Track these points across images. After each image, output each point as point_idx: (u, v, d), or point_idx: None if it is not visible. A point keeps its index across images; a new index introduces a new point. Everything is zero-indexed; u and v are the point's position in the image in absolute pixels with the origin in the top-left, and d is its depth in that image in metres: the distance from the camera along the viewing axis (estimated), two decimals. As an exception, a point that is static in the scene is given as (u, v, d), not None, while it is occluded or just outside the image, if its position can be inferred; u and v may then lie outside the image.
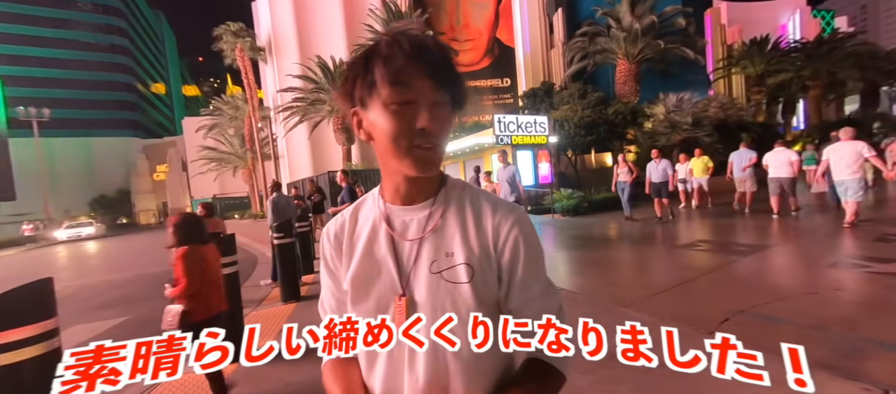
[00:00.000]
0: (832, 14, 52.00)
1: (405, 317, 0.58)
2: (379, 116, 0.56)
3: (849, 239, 4.96)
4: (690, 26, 17.27)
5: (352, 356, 0.66)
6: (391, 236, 0.62)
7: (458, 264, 0.58)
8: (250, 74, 23.78)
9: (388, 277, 0.61)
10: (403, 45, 0.54)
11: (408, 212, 0.62)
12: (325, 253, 0.68)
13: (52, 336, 1.68)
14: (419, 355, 0.58)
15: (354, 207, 0.69)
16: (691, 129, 13.14)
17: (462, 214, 0.61)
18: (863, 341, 2.33)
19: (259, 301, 4.66)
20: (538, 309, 0.60)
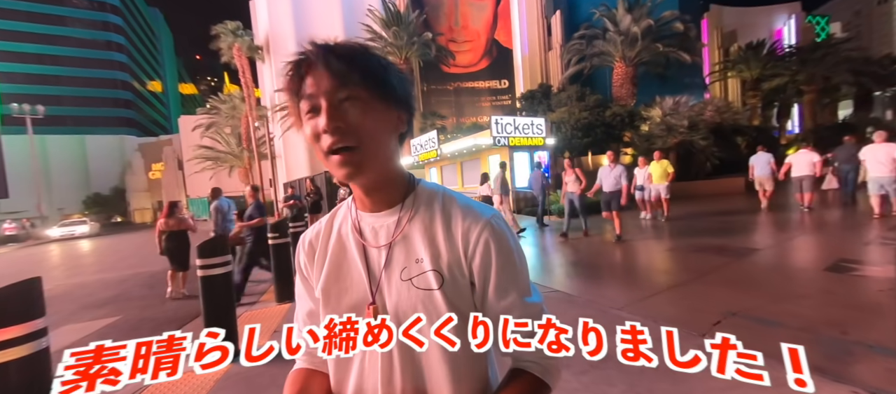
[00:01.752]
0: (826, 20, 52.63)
1: (378, 330, 0.56)
2: (303, 129, 0.55)
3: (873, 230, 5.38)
4: (691, 31, 17.40)
5: (321, 369, 0.66)
6: (361, 244, 0.61)
7: (428, 271, 0.57)
8: (248, 73, 23.67)
9: (359, 285, 0.60)
10: (299, 54, 0.54)
11: (377, 218, 0.61)
12: (299, 261, 0.67)
13: (39, 336, 1.66)
14: (395, 365, 0.57)
15: (330, 215, 0.68)
16: (687, 132, 13.22)
17: (431, 220, 0.59)
18: (852, 343, 2.35)
19: (253, 302, 4.64)
20: (520, 315, 0.58)
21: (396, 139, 0.58)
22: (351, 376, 0.59)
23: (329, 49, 0.53)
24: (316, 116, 0.53)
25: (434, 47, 18.74)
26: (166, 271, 5.41)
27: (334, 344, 0.58)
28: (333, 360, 0.61)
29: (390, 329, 0.56)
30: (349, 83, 0.52)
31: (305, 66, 0.54)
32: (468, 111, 25.02)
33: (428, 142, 13.88)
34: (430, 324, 0.55)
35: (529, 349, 0.57)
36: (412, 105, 0.60)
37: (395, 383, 0.56)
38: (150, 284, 6.56)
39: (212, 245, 3.09)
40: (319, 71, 0.52)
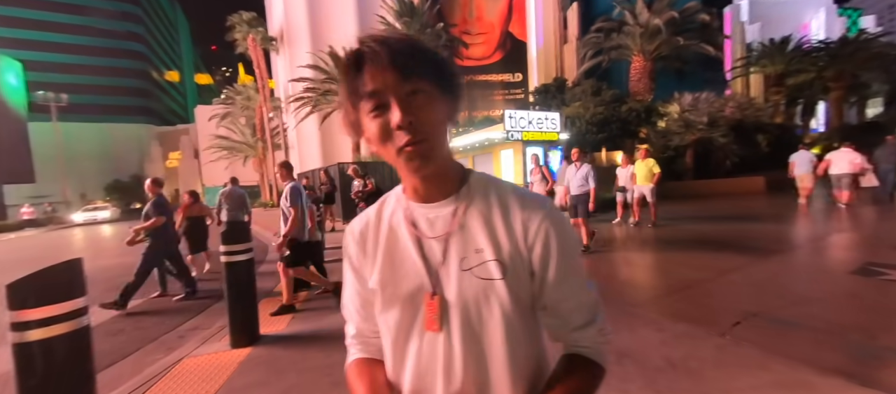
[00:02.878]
0: (859, 13, 50.15)
1: (437, 316, 0.57)
2: (366, 129, 0.55)
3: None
4: (714, 21, 16.85)
5: (377, 357, 0.66)
6: (416, 235, 0.60)
7: (489, 261, 0.56)
8: (262, 64, 23.94)
9: (417, 277, 0.59)
10: (357, 51, 0.53)
11: (431, 209, 0.60)
12: (349, 251, 0.67)
13: (82, 314, 1.74)
14: (456, 354, 0.57)
15: (378, 205, 0.67)
16: (707, 129, 12.88)
17: (488, 210, 0.59)
18: (879, 349, 2.29)
19: (270, 289, 4.75)
20: (576, 304, 0.59)
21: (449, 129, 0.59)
22: (408, 364, 0.60)
23: (389, 43, 0.52)
24: (383, 113, 0.52)
25: (445, 37, 18.59)
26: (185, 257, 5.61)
27: (394, 333, 0.60)
28: (391, 348, 0.62)
29: (451, 318, 0.56)
30: (414, 77, 0.52)
31: (364, 62, 0.53)
32: (480, 105, 24.85)
33: (440, 135, 13.84)
34: (491, 313, 0.56)
35: (585, 334, 0.59)
36: (462, 95, 0.60)
37: (456, 370, 0.57)
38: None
39: (234, 232, 3.17)
40: (382, 66, 0.51)
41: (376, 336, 0.67)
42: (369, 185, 6.83)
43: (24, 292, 1.60)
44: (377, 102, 0.52)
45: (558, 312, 0.59)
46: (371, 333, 0.67)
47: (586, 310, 0.60)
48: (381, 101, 0.52)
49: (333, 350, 2.80)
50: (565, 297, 0.58)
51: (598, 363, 0.59)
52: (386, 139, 0.52)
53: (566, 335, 0.61)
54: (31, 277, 1.61)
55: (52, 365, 1.63)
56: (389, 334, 0.61)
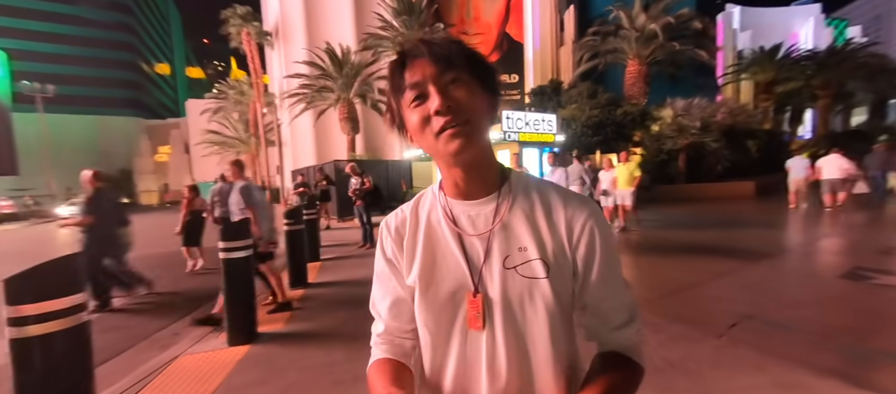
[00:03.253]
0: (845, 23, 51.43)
1: (480, 314, 0.57)
2: (408, 121, 0.57)
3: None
4: (711, 29, 17.12)
5: (401, 360, 0.64)
6: (457, 232, 0.60)
7: (534, 259, 0.56)
8: (256, 59, 23.65)
9: (458, 274, 0.59)
10: (402, 52, 0.57)
11: (472, 207, 0.60)
12: (384, 247, 0.66)
13: (81, 310, 1.70)
14: (500, 352, 0.57)
15: (414, 202, 0.67)
16: (699, 133, 13.09)
17: (531, 208, 0.59)
18: (870, 351, 2.36)
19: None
20: (617, 303, 0.59)
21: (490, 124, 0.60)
22: (450, 361, 0.60)
23: (429, 41, 0.55)
24: (423, 101, 0.54)
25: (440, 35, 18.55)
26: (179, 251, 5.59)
27: (435, 330, 0.60)
28: (431, 345, 0.61)
29: (494, 316, 0.56)
30: (453, 67, 0.54)
31: (407, 60, 0.56)
32: (476, 105, 24.85)
33: (437, 134, 13.84)
34: (535, 311, 0.56)
35: (625, 334, 0.60)
36: (500, 93, 0.61)
37: (500, 368, 0.57)
38: (166, 264, 6.65)
39: (234, 229, 3.13)
40: (423, 59, 0.54)
41: (405, 335, 0.66)
42: (367, 183, 6.80)
43: (22, 287, 1.56)
44: (418, 93, 0.54)
45: (599, 311, 0.59)
46: (400, 331, 0.66)
47: (626, 309, 0.60)
48: (421, 91, 0.54)
49: (333, 349, 2.79)
50: (607, 296, 0.59)
51: (638, 363, 0.59)
52: (425, 126, 0.54)
53: (606, 334, 0.61)
54: (29, 272, 1.57)
55: (51, 361, 1.60)
56: (430, 331, 0.61)
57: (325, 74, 18.25)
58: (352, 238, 7.98)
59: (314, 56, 18.61)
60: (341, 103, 18.24)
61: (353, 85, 17.65)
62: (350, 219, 10.87)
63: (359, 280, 4.74)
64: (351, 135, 18.66)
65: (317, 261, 5.90)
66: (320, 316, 3.55)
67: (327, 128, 22.25)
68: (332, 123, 20.86)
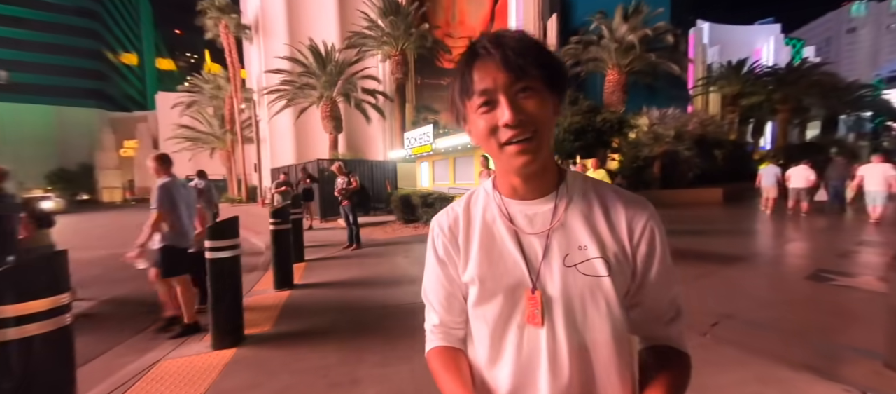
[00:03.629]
0: (802, 43, 55.39)
1: (540, 312, 0.57)
2: (472, 124, 0.57)
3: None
4: (683, 43, 17.97)
5: (457, 345, 0.67)
6: (514, 231, 0.60)
7: (595, 258, 0.57)
8: (234, 53, 22.83)
9: (516, 272, 0.59)
10: (473, 49, 0.55)
11: (529, 206, 0.61)
12: (436, 244, 0.67)
13: (64, 311, 1.59)
14: (561, 349, 0.57)
15: (465, 201, 0.68)
16: (673, 142, 13.70)
17: (590, 208, 0.60)
18: (838, 346, 2.55)
19: (249, 288, 4.54)
20: (670, 299, 0.61)
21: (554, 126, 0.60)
22: (507, 357, 0.60)
23: (502, 42, 0.53)
24: (492, 109, 0.53)
25: (430, 40, 18.60)
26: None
27: (492, 325, 0.61)
28: (488, 340, 0.62)
29: (554, 313, 0.57)
30: (526, 76, 0.53)
31: (476, 60, 0.54)
32: (460, 107, 24.99)
33: (422, 136, 13.81)
34: (597, 309, 0.57)
35: (675, 328, 0.62)
36: (567, 88, 0.61)
37: (562, 365, 0.57)
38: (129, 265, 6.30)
39: (221, 228, 3.01)
40: (495, 64, 0.53)
41: (459, 327, 0.68)
42: (354, 182, 6.69)
43: (1, 287, 1.44)
44: (487, 99, 0.53)
45: (653, 307, 0.61)
46: (454, 324, 0.68)
47: (677, 303, 0.62)
48: (490, 98, 0.53)
49: (327, 351, 2.72)
50: (664, 295, 0.61)
51: (688, 355, 0.61)
52: (491, 135, 0.54)
53: (658, 329, 0.62)
54: (9, 270, 1.46)
55: (31, 366, 1.48)
56: (487, 326, 0.62)
57: (308, 71, 17.85)
58: (336, 239, 7.83)
59: (296, 52, 18.17)
60: (324, 101, 17.89)
61: (337, 83, 17.36)
62: (333, 219, 10.64)
63: (347, 281, 4.66)
64: (333, 134, 18.32)
65: (301, 262, 5.76)
66: (310, 318, 3.46)
67: (308, 126, 21.74)
68: (313, 122, 20.40)
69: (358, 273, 5.03)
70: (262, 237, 7.96)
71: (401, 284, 4.41)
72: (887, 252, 5.00)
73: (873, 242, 5.92)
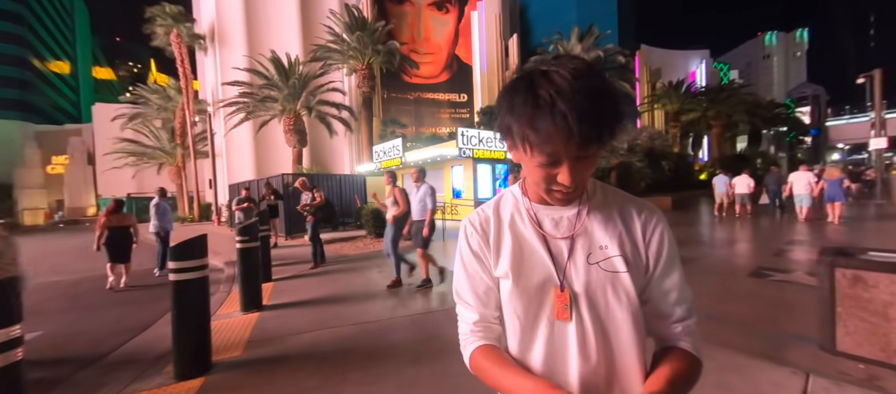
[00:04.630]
0: (728, 66, 62.53)
1: (568, 307, 0.62)
2: (525, 160, 0.60)
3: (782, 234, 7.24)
4: (631, 64, 19.58)
5: (497, 344, 0.70)
6: (542, 235, 0.66)
7: (614, 256, 0.63)
8: (186, 63, 21.52)
9: (544, 271, 0.64)
10: (542, 101, 0.52)
11: (556, 211, 0.66)
12: (470, 242, 0.70)
13: (15, 346, 1.41)
14: (589, 339, 0.62)
15: (494, 204, 0.72)
16: (627, 154, 14.76)
17: (609, 213, 0.66)
18: (783, 334, 2.87)
19: (212, 312, 4.22)
20: (679, 297, 0.66)
21: None
22: (537, 348, 0.65)
23: (578, 101, 0.51)
24: (553, 166, 0.57)
25: (398, 56, 18.76)
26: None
27: (524, 320, 0.66)
28: (520, 332, 0.66)
29: (581, 307, 0.63)
30: (591, 145, 0.54)
31: (544, 107, 0.52)
32: (428, 121, 25.28)
33: (392, 149, 13.77)
34: (618, 300, 0.63)
35: (686, 327, 0.66)
36: None
37: (591, 353, 0.63)
38: (72, 294, 5.63)
39: (187, 247, 2.81)
40: (566, 130, 0.51)
41: (496, 322, 0.71)
42: (318, 197, 6.50)
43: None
44: (550, 160, 0.56)
45: (663, 304, 0.66)
46: (492, 318, 0.71)
47: (685, 304, 0.67)
48: (553, 160, 0.56)
49: (303, 375, 2.58)
50: (670, 289, 0.66)
51: (697, 357, 0.64)
52: (544, 182, 0.60)
53: (667, 328, 0.66)
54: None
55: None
56: (518, 319, 0.66)
57: (270, 83, 17.24)
58: (303, 256, 7.52)
59: (257, 64, 17.52)
60: (287, 115, 17.31)
61: (301, 96, 16.90)
62: (299, 236, 10.21)
63: (320, 299, 4.49)
64: (297, 148, 17.71)
65: (269, 281, 5.46)
66: (283, 339, 3.28)
67: (270, 140, 20.85)
68: (275, 135, 19.61)
69: (331, 290, 4.86)
70: (220, 257, 7.45)
71: (377, 299, 4.33)
72: (814, 250, 5.71)
73: (803, 242, 6.78)
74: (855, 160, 48.65)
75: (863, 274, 2.29)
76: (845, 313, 2.35)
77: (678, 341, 0.65)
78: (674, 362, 0.61)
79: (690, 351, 0.64)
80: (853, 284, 2.32)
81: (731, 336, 2.81)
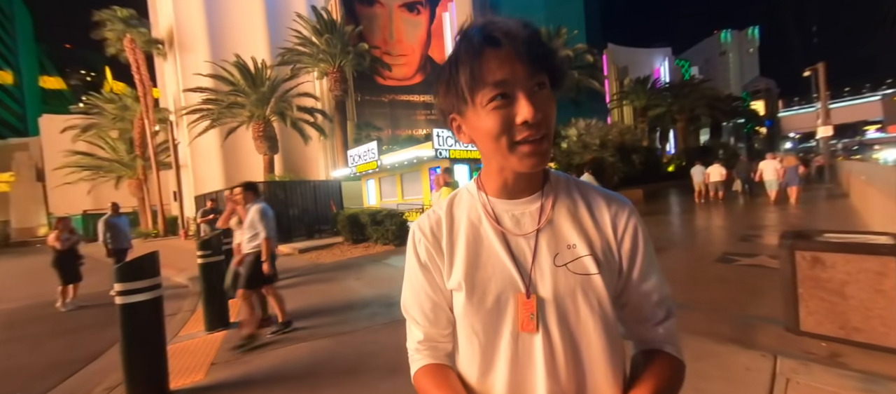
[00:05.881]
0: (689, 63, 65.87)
1: (535, 318, 0.55)
2: (476, 118, 0.52)
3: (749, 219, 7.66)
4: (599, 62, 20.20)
5: (445, 362, 0.63)
6: (501, 232, 0.58)
7: (584, 256, 0.56)
8: (143, 70, 20.31)
9: (505, 275, 0.57)
10: (484, 36, 0.49)
11: (516, 206, 0.58)
12: (418, 251, 0.62)
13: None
14: (557, 353, 0.55)
15: (448, 203, 0.64)
16: (599, 149, 15.16)
17: (575, 206, 0.59)
18: (750, 318, 2.96)
19: (174, 333, 3.93)
20: (659, 298, 0.59)
21: None
22: (500, 366, 0.57)
23: (515, 31, 0.49)
24: (507, 105, 0.49)
25: (369, 58, 18.48)
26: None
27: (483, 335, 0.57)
28: (479, 350, 0.58)
29: (547, 316, 0.55)
30: (541, 70, 0.49)
31: (489, 48, 0.49)
32: (403, 124, 25.06)
33: (367, 152, 13.51)
34: (589, 307, 0.55)
35: (667, 329, 0.60)
36: None
37: (560, 368, 0.55)
38: (7, 323, 5.12)
39: (135, 266, 2.57)
40: (511, 54, 0.48)
41: (446, 340, 0.64)
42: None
43: None
44: (501, 92, 0.49)
45: (642, 306, 0.60)
46: (440, 337, 0.63)
47: (666, 304, 0.60)
48: (505, 91, 0.49)
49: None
50: (649, 291, 0.59)
51: (680, 359, 0.59)
52: (504, 133, 0.50)
53: (647, 331, 0.60)
54: None
55: None
56: (477, 336, 0.58)
57: (237, 89, 16.54)
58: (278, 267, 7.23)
59: (221, 69, 16.77)
60: (256, 121, 16.67)
61: (270, 101, 16.32)
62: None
63: (294, 312, 4.25)
64: (268, 155, 17.09)
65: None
66: (252, 360, 3.07)
67: (239, 147, 20.03)
68: (244, 143, 18.86)
69: (306, 302, 4.65)
70: (185, 274, 7.02)
71: (354, 309, 4.17)
72: (776, 235, 6.01)
73: (767, 226, 7.13)
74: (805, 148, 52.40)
75: (820, 255, 2.38)
76: (806, 293, 2.44)
77: (662, 344, 0.59)
78: (658, 370, 0.56)
79: (675, 355, 0.58)
80: (812, 265, 2.41)
81: (701, 323, 2.87)
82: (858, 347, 2.23)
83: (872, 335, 2.20)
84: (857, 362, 2.10)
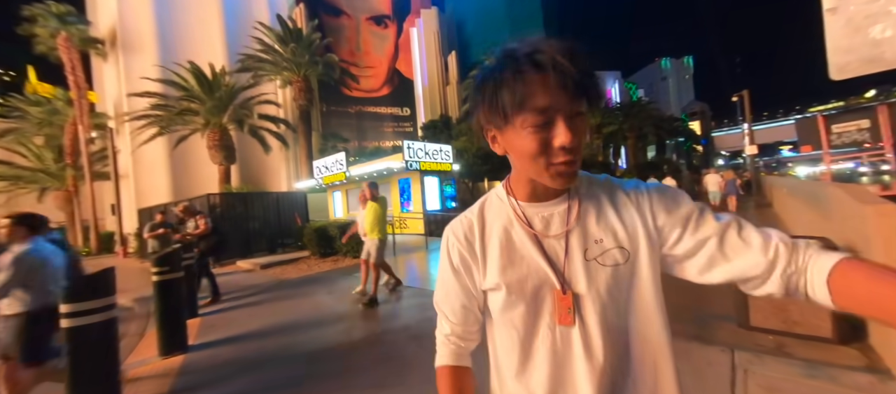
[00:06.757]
0: (636, 86, 71.98)
1: (571, 310, 0.58)
2: (515, 136, 0.55)
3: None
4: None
5: (466, 364, 0.68)
6: (534, 235, 0.61)
7: (612, 249, 0.59)
8: (79, 71, 18.41)
9: (541, 274, 0.60)
10: (530, 61, 0.51)
11: (544, 208, 0.62)
12: (451, 253, 0.66)
13: None
14: (595, 342, 0.57)
15: (478, 208, 0.68)
16: (561, 163, 16.03)
17: (599, 202, 0.62)
18: (709, 316, 3.25)
19: (123, 357, 3.53)
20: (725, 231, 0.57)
21: None
22: (540, 359, 0.60)
23: (567, 58, 0.50)
24: (546, 128, 0.52)
25: (338, 70, 18.20)
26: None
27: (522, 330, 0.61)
28: (518, 345, 0.61)
29: (584, 309, 0.58)
30: (581, 98, 0.52)
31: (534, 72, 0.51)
32: (371, 135, 24.78)
33: (335, 164, 13.16)
34: (621, 296, 0.59)
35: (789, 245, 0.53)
36: None
37: (598, 356, 0.58)
38: None
39: (90, 283, 2.32)
40: (556, 82, 0.50)
41: (472, 338, 0.69)
42: (202, 225, 5.64)
43: None
44: (544, 120, 0.51)
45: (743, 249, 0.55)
46: (467, 334, 0.69)
47: (762, 230, 0.56)
48: (547, 119, 0.51)
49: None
50: (725, 228, 0.57)
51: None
52: (541, 154, 0.53)
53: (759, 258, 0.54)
54: None
55: None
56: (516, 332, 0.62)
57: (191, 95, 15.50)
58: (233, 284, 6.76)
59: (172, 74, 15.66)
60: (211, 129, 15.66)
61: (228, 109, 15.45)
62: (231, 262, 9.19)
63: (261, 331, 4.02)
64: (225, 165, 16.06)
65: (195, 317, 4.75)
66: (215, 385, 2.81)
67: (190, 157, 18.64)
68: (197, 152, 17.59)
69: (273, 319, 4.39)
70: (128, 295, 6.34)
71: (327, 324, 4.01)
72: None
73: None
74: (735, 164, 58.74)
75: (764, 257, 2.69)
76: (754, 291, 2.74)
77: (824, 256, 0.50)
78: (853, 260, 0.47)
79: (849, 256, 0.48)
80: (758, 266, 2.72)
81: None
82: (799, 338, 2.53)
83: (808, 327, 2.52)
84: (799, 352, 2.39)
